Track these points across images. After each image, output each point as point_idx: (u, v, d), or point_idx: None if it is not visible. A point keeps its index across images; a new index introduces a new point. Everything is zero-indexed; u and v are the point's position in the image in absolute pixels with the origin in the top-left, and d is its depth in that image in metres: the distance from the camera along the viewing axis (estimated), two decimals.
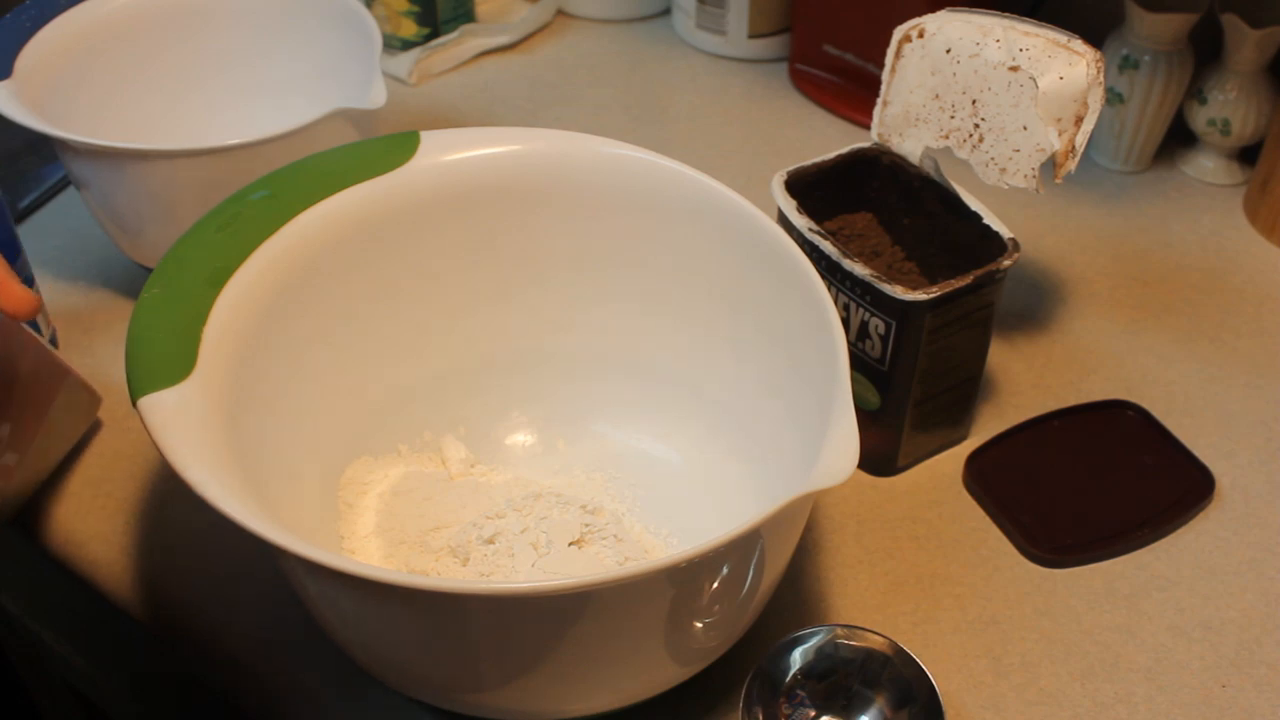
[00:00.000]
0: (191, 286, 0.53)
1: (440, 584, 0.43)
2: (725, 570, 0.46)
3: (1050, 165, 0.61)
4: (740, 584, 0.48)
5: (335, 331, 0.60)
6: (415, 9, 0.94)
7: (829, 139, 0.88)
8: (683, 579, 0.45)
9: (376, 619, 0.48)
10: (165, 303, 0.52)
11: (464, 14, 0.97)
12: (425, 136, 0.60)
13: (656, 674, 0.50)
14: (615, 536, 0.58)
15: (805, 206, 0.62)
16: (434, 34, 0.96)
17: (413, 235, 0.60)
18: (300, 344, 0.57)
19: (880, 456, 0.64)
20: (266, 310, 0.55)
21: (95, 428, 0.67)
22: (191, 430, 0.48)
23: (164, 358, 0.50)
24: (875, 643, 0.53)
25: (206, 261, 0.54)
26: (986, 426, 0.67)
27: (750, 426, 0.61)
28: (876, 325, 0.60)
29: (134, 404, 0.48)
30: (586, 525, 0.58)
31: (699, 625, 0.48)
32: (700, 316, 0.61)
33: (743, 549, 0.47)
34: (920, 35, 0.63)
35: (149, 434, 0.47)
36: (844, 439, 0.45)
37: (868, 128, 0.67)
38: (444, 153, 0.60)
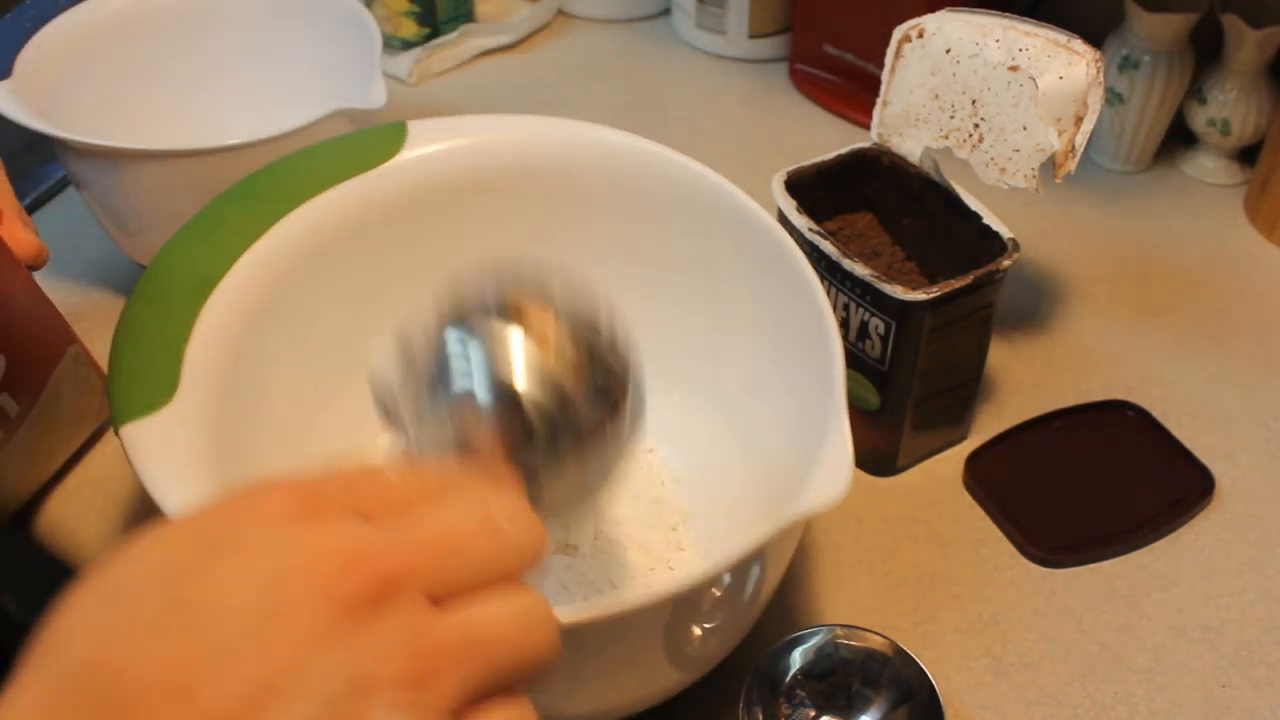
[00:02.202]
0: (175, 300, 0.52)
1: None
2: (718, 593, 0.46)
3: (1050, 165, 0.61)
4: (735, 602, 0.48)
5: (323, 337, 0.59)
6: (415, 9, 0.94)
7: (829, 139, 0.88)
8: (679, 604, 0.45)
9: None
10: (148, 320, 0.51)
11: (464, 14, 0.97)
12: (413, 126, 0.60)
13: (652, 687, 0.50)
14: (619, 540, 0.58)
15: (805, 206, 0.62)
16: (434, 34, 0.96)
17: (403, 230, 0.59)
18: (287, 352, 0.56)
19: (880, 456, 0.64)
20: (252, 321, 0.54)
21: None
22: (174, 458, 0.47)
23: (146, 382, 0.49)
24: (875, 643, 0.53)
25: (190, 272, 0.53)
26: (986, 426, 0.67)
27: (749, 427, 0.61)
28: (876, 325, 0.60)
29: (115, 432, 0.47)
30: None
31: (694, 638, 0.48)
32: (698, 312, 0.61)
33: (738, 573, 0.46)
34: (920, 35, 0.63)
35: (130, 464, 0.46)
36: (836, 460, 0.44)
37: (868, 128, 0.67)
38: (432, 143, 0.59)
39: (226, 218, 0.56)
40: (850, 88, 0.90)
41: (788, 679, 0.52)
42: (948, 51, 0.62)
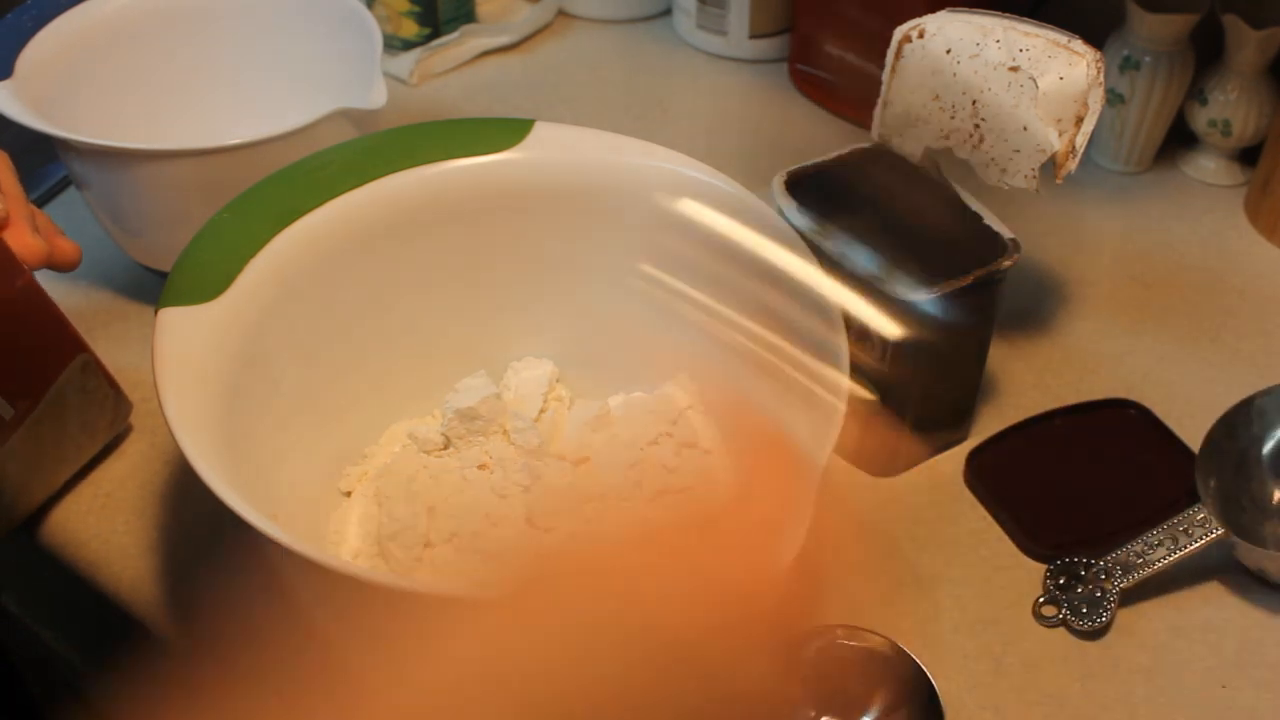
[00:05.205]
0: (258, 217, 0.55)
1: (412, 585, 0.43)
2: None
3: (1051, 166, 0.61)
4: None
5: (380, 304, 0.60)
6: (416, 9, 0.94)
7: (829, 139, 0.88)
8: None
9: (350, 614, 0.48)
10: (228, 227, 0.54)
11: (465, 14, 0.98)
12: (539, 127, 0.61)
13: None
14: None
15: (805, 206, 0.62)
16: (435, 34, 0.96)
17: (504, 223, 0.61)
18: (338, 302, 0.58)
19: (880, 456, 0.64)
20: (318, 260, 0.56)
21: None
22: (193, 355, 0.49)
23: (201, 277, 0.52)
24: (875, 643, 0.53)
25: (283, 199, 0.56)
26: (986, 426, 0.67)
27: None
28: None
29: (155, 313, 0.50)
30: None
31: None
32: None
33: None
34: (920, 35, 0.63)
35: (152, 347, 0.48)
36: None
37: (868, 128, 0.67)
38: (553, 148, 0.60)
39: (334, 163, 0.58)
40: (850, 88, 0.89)
41: None
42: (948, 52, 0.62)
